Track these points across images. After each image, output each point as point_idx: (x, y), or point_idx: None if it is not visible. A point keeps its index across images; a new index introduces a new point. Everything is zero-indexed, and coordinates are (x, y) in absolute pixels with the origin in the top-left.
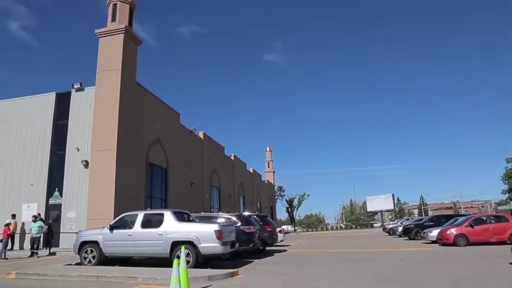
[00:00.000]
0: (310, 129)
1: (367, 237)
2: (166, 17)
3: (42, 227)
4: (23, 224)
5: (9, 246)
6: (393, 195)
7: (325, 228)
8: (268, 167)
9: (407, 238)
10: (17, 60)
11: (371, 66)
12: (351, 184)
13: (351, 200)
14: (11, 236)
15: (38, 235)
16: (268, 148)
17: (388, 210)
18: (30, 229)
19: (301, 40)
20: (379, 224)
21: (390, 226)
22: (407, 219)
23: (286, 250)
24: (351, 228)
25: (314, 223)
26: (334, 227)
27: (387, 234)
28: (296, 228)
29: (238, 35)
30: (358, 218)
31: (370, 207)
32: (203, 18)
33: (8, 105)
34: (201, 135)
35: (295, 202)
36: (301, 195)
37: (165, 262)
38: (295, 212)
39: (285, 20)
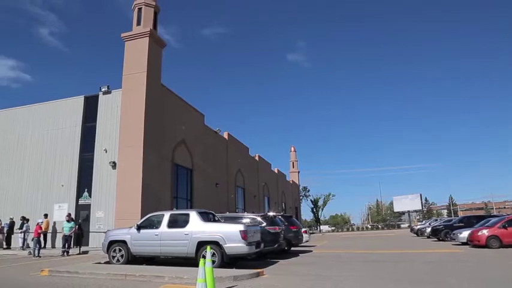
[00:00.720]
0: (335, 129)
1: (394, 238)
2: (189, 19)
3: (73, 227)
4: (55, 223)
5: (42, 245)
6: (421, 195)
7: (350, 229)
8: (293, 167)
9: (436, 239)
10: (47, 65)
11: (396, 65)
12: (377, 184)
13: (377, 200)
14: (44, 235)
15: (69, 235)
16: (292, 148)
17: (415, 211)
18: (63, 228)
19: (324, 39)
20: (407, 225)
21: (418, 227)
22: (436, 220)
23: (311, 251)
24: (377, 228)
25: (339, 223)
26: (360, 228)
27: (415, 235)
28: (321, 228)
29: (261, 35)
30: (384, 219)
31: (397, 208)
32: (226, 19)
33: (40, 108)
34: (225, 135)
35: (320, 202)
36: (326, 195)
37: (191, 262)
38: (320, 212)
39: (307, 19)
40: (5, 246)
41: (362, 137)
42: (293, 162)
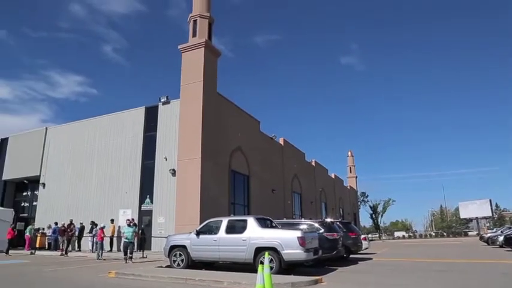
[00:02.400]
0: (393, 133)
1: (461, 246)
2: (241, 28)
3: (135, 232)
4: (119, 227)
5: (108, 248)
6: (490, 200)
7: (413, 236)
8: (350, 172)
9: (510, 249)
10: (111, 79)
11: (458, 65)
12: (441, 188)
13: (441, 206)
14: (110, 239)
15: (131, 240)
16: (349, 153)
17: (484, 218)
18: (123, 233)
19: (377, 42)
20: (475, 233)
21: (489, 235)
22: (510, 228)
23: (371, 258)
24: (442, 236)
25: (400, 230)
26: (423, 235)
27: (485, 243)
28: (381, 235)
29: (313, 39)
30: (449, 226)
31: (464, 214)
32: (277, 26)
33: (105, 120)
34: (281, 141)
35: (380, 208)
36: (385, 201)
37: (248, 267)
38: (379, 218)
39: (360, 21)
40: (76, 248)
41: (423, 140)
42: (350, 167)
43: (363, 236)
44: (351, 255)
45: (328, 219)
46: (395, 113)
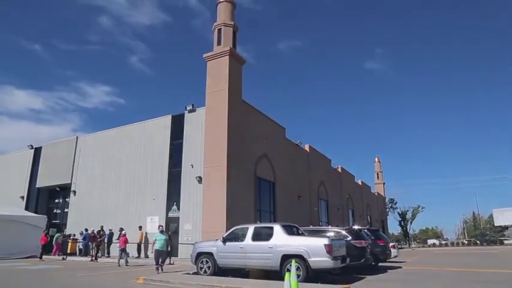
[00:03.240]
0: (421, 137)
1: (497, 255)
2: (264, 36)
3: (167, 240)
4: (147, 234)
5: (136, 254)
6: None
7: (444, 244)
8: (378, 178)
9: None
10: (138, 89)
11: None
12: (473, 195)
13: (473, 213)
14: (138, 245)
15: (163, 249)
16: (376, 159)
17: None
18: (155, 240)
19: (401, 45)
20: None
21: None
22: None
23: (401, 267)
24: (475, 244)
25: (431, 238)
26: (455, 243)
27: None
28: (411, 243)
29: (336, 45)
30: (483, 234)
31: (498, 222)
32: (299, 32)
33: (133, 128)
34: (306, 148)
35: (409, 215)
36: (415, 207)
37: (275, 275)
38: (408, 226)
39: (384, 25)
40: (106, 254)
41: (453, 145)
42: (378, 173)
43: (391, 244)
44: (380, 264)
45: (356, 227)
46: (424, 117)
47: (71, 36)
